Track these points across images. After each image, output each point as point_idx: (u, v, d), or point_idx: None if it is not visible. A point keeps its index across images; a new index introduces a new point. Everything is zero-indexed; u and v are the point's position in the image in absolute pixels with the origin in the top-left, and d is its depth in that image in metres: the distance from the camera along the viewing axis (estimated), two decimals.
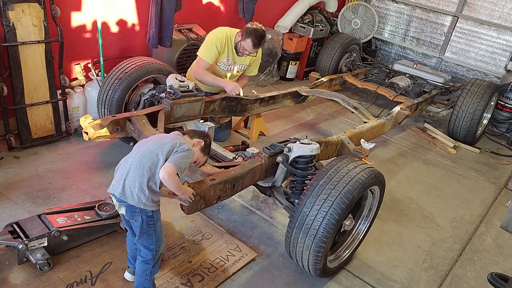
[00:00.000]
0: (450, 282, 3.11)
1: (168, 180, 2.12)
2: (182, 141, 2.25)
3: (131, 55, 4.29)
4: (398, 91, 5.64)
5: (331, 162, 2.71)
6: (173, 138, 2.26)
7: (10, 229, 2.55)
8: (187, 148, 2.20)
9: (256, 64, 4.23)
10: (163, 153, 2.15)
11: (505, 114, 5.95)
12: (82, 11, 3.96)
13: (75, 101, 4.02)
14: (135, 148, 2.29)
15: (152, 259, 2.32)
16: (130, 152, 2.27)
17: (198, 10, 5.05)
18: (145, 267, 2.33)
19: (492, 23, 6.49)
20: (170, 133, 2.37)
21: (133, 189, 2.14)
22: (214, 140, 3.74)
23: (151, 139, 2.31)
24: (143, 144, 2.26)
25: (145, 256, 2.31)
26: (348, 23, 7.07)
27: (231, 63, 4.06)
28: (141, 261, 2.33)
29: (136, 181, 2.13)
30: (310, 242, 2.50)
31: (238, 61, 4.06)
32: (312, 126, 5.25)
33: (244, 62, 4.10)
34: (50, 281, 2.46)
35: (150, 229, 2.26)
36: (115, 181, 2.22)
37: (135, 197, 2.14)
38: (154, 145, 2.20)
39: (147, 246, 2.30)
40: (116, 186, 2.19)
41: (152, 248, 2.31)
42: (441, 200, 4.12)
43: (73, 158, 3.69)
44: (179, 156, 2.16)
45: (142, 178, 2.13)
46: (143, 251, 2.31)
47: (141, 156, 2.17)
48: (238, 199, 3.53)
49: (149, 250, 2.31)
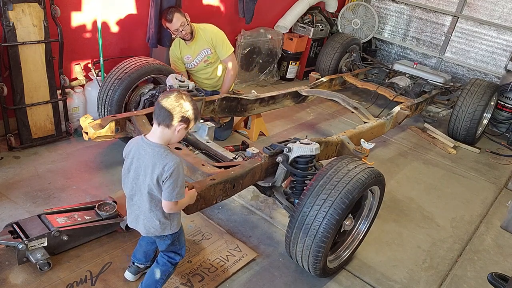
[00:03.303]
0: (450, 282, 3.11)
1: (174, 211, 2.14)
2: (164, 158, 2.02)
3: (131, 55, 4.28)
4: (398, 91, 5.64)
5: (331, 162, 2.71)
6: (153, 164, 2.02)
7: (10, 229, 2.55)
8: (171, 171, 1.99)
9: (220, 42, 4.17)
10: (155, 187, 2.04)
11: (505, 114, 5.94)
12: (82, 11, 3.96)
13: (75, 101, 4.02)
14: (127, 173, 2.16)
15: (178, 262, 2.37)
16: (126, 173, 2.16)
17: (198, 10, 5.05)
18: (167, 267, 2.35)
19: (492, 23, 6.49)
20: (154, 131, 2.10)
21: (155, 226, 2.17)
22: (214, 140, 3.74)
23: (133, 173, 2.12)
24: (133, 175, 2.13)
25: (173, 259, 2.34)
26: (348, 23, 7.07)
27: (191, 59, 4.20)
28: (166, 261, 2.34)
29: (152, 220, 2.15)
30: (310, 242, 2.50)
31: (194, 50, 4.16)
32: (312, 126, 5.25)
33: (201, 47, 4.16)
34: (50, 281, 2.46)
35: (176, 241, 2.31)
36: (132, 219, 2.23)
37: (158, 229, 2.18)
38: (141, 184, 2.09)
39: (176, 251, 2.35)
40: (135, 224, 2.23)
41: (180, 252, 2.36)
42: (441, 200, 4.12)
43: (73, 158, 3.69)
44: (169, 188, 2.00)
45: (157, 215, 2.14)
46: (171, 255, 2.34)
47: (140, 200, 2.14)
48: (238, 199, 3.52)
49: (178, 255, 2.35)
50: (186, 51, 4.20)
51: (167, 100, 2.00)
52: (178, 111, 2.00)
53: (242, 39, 5.69)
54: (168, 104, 1.99)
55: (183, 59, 4.24)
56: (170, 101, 2.00)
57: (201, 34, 4.15)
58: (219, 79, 4.40)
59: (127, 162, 2.16)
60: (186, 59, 4.20)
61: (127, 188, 2.18)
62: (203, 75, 4.35)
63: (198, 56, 4.19)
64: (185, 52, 4.22)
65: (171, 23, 3.96)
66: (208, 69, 4.30)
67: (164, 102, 2.00)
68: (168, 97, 2.01)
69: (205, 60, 4.20)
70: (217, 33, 4.19)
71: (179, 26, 3.97)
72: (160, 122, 2.02)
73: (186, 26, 4.01)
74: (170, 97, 2.01)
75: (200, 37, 4.15)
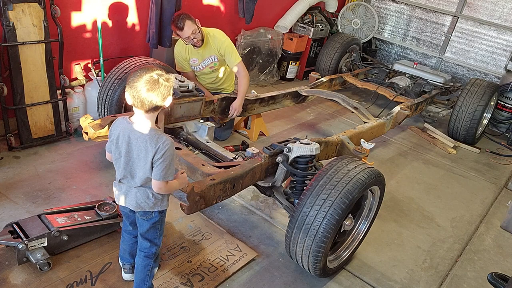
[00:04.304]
0: (450, 282, 3.11)
1: (163, 192, 2.16)
2: (155, 140, 2.05)
3: (131, 55, 4.29)
4: (398, 91, 5.64)
5: (331, 162, 2.71)
6: (146, 147, 2.05)
7: (10, 229, 2.55)
8: (163, 152, 2.04)
9: (228, 50, 4.07)
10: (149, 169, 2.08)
11: (505, 114, 5.95)
12: (82, 11, 3.96)
13: (75, 101, 4.02)
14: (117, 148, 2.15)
15: (155, 253, 2.35)
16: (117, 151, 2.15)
17: (198, 10, 5.05)
18: (147, 261, 2.34)
19: (492, 23, 6.49)
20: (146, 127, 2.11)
21: (147, 200, 2.18)
22: (214, 140, 3.74)
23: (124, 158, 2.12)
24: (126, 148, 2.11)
25: (149, 250, 2.33)
26: (348, 23, 7.07)
27: (197, 63, 4.13)
28: (143, 256, 2.33)
29: (146, 192, 2.17)
30: (310, 242, 2.50)
31: (202, 55, 4.08)
32: (312, 126, 5.25)
33: (209, 53, 4.09)
34: (50, 281, 2.46)
35: (158, 223, 2.30)
36: (122, 195, 2.23)
37: (150, 204, 2.19)
38: (135, 168, 2.12)
39: (152, 240, 2.33)
40: (125, 200, 2.23)
41: (157, 242, 2.34)
42: (441, 200, 4.12)
43: (73, 158, 3.69)
44: (160, 168, 2.04)
45: (150, 189, 2.17)
46: (147, 246, 2.32)
47: (132, 180, 2.16)
48: (238, 199, 3.53)
49: (154, 245, 2.33)
50: (193, 54, 4.10)
51: (142, 83, 1.95)
52: (165, 94, 1.99)
53: (242, 39, 5.69)
54: (146, 88, 1.95)
55: (190, 61, 4.14)
56: (146, 85, 1.95)
57: (210, 41, 4.03)
58: (222, 83, 4.38)
59: (115, 147, 2.14)
60: (192, 62, 4.12)
61: (119, 172, 2.19)
62: (207, 79, 4.31)
63: (204, 61, 4.12)
64: (192, 55, 4.11)
65: (182, 31, 3.81)
66: (213, 74, 4.26)
67: (141, 87, 1.95)
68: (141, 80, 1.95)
69: (211, 66, 4.16)
70: (225, 41, 4.07)
71: (191, 34, 3.83)
72: (147, 109, 2.01)
73: (197, 34, 3.88)
74: (142, 80, 1.95)
75: (209, 44, 4.04)
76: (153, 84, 1.97)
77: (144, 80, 1.96)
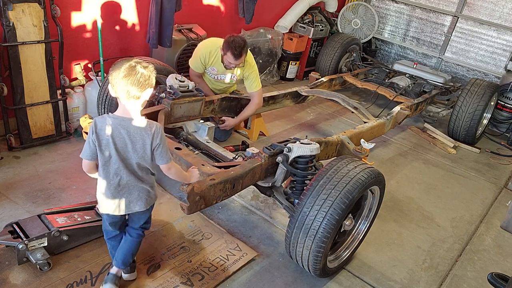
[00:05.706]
0: (450, 282, 3.11)
1: (174, 171, 2.25)
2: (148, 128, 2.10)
3: (131, 55, 4.29)
4: (398, 91, 5.64)
5: (331, 162, 2.71)
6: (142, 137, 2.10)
7: (10, 229, 2.55)
8: (159, 137, 2.12)
9: (252, 76, 4.05)
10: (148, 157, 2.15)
11: (505, 114, 5.95)
12: (82, 11, 3.96)
13: (75, 101, 4.02)
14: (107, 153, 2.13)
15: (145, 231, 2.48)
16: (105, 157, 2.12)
17: (198, 10, 5.05)
18: (140, 239, 2.44)
19: (492, 23, 6.49)
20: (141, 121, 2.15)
21: (150, 194, 2.26)
22: (214, 140, 3.74)
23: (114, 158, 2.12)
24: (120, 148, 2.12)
25: (139, 235, 2.42)
26: (348, 23, 7.07)
27: (216, 73, 4.07)
28: (137, 237, 2.41)
29: (146, 188, 2.23)
30: (310, 242, 2.50)
31: (224, 70, 4.01)
32: (312, 126, 5.25)
33: (232, 71, 4.05)
34: (50, 281, 2.46)
35: (151, 208, 2.38)
36: (113, 204, 2.22)
37: (153, 197, 2.31)
38: (128, 163, 2.14)
39: (148, 222, 2.43)
40: (129, 208, 2.25)
41: (148, 224, 2.45)
42: (441, 200, 4.12)
43: (73, 158, 3.69)
44: (163, 152, 2.15)
45: (148, 182, 2.23)
46: (139, 231, 2.41)
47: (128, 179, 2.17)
48: (238, 199, 3.53)
49: (146, 228, 2.44)
50: (217, 65, 4.00)
51: (120, 71, 1.97)
52: (142, 81, 2.01)
53: None
54: (123, 75, 1.97)
55: (209, 68, 4.05)
56: (124, 71, 1.97)
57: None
58: (227, 91, 4.36)
59: (104, 148, 2.09)
60: (211, 70, 4.04)
61: (111, 179, 2.15)
62: (217, 87, 4.25)
63: (223, 75, 4.08)
64: (215, 65, 4.02)
65: (235, 60, 3.73)
66: (225, 87, 4.26)
67: (119, 75, 1.97)
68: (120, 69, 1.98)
69: (227, 82, 4.16)
70: (253, 67, 4.04)
71: (237, 63, 3.80)
72: (127, 97, 2.02)
73: (241, 64, 3.87)
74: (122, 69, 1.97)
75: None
76: (130, 71, 1.99)
77: (123, 68, 1.99)
